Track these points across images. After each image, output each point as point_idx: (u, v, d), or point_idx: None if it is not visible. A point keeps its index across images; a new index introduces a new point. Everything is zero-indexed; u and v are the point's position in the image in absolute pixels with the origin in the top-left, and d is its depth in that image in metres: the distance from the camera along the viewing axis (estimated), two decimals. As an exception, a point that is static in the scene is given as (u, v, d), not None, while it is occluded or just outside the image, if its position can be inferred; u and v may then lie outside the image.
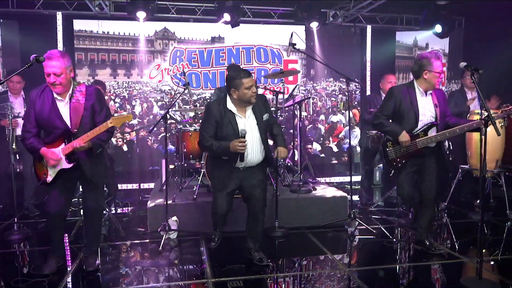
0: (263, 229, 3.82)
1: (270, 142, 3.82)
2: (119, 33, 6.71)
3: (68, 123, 3.29)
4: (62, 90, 3.27)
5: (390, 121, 3.85)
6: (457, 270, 3.64)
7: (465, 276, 3.47)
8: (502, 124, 4.91)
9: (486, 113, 3.20)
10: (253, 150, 3.51)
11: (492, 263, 3.78)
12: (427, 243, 3.92)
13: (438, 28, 6.82)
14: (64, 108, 3.31)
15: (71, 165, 3.33)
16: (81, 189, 4.27)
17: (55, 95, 3.29)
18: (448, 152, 6.07)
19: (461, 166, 5.36)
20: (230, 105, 3.48)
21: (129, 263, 3.81)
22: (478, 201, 5.28)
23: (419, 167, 3.84)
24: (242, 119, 3.49)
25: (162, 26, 6.83)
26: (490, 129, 3.22)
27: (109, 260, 3.89)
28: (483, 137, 3.17)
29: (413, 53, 7.56)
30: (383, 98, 5.47)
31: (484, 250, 3.93)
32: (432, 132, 3.73)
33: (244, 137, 3.36)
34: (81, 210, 4.71)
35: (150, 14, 6.17)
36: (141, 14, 6.08)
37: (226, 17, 6.31)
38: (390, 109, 3.81)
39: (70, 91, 3.32)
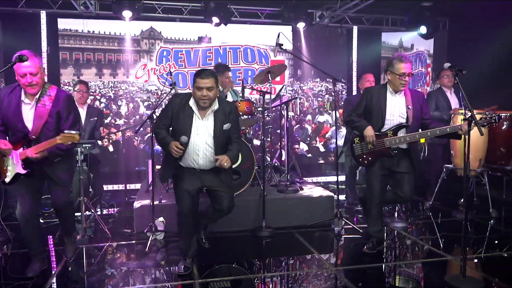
0: (213, 220, 3.95)
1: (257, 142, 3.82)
2: (104, 32, 6.65)
3: (30, 127, 3.22)
4: (36, 91, 3.20)
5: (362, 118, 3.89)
6: (441, 268, 3.68)
7: (449, 274, 3.52)
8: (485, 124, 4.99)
9: (469, 113, 3.25)
10: (205, 154, 3.45)
11: (475, 261, 3.84)
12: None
13: (423, 29, 6.90)
14: (29, 112, 3.23)
15: (25, 171, 3.25)
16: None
17: (22, 97, 3.22)
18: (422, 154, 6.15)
19: (446, 165, 5.44)
20: (191, 102, 3.43)
21: (115, 264, 3.78)
22: (462, 200, 5.37)
23: (391, 170, 3.84)
24: (199, 120, 3.43)
25: (149, 26, 6.78)
26: (474, 129, 3.27)
27: (94, 261, 3.84)
28: (466, 136, 3.22)
29: (399, 54, 7.63)
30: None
31: (468, 248, 4.00)
32: (402, 133, 3.75)
33: (182, 145, 3.31)
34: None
35: (136, 13, 6.12)
36: (127, 14, 6.03)
37: (215, 20, 6.29)
38: (361, 108, 3.87)
39: (38, 95, 3.24)
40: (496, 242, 4.39)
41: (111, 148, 6.73)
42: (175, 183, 3.60)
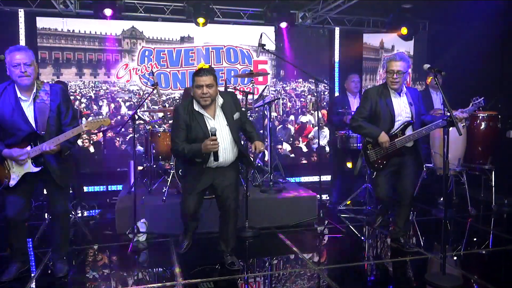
0: (235, 231, 3.76)
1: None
2: (85, 31, 6.55)
3: (34, 125, 3.15)
4: (29, 82, 3.12)
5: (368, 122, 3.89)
6: (422, 266, 3.74)
7: (429, 272, 3.58)
8: (464, 124, 5.11)
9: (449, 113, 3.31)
10: (225, 150, 3.46)
11: (455, 258, 3.91)
12: (402, 241, 4.01)
13: (404, 30, 7.01)
14: (28, 109, 3.16)
15: (38, 169, 3.20)
16: (45, 192, 4.11)
17: (18, 95, 3.14)
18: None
19: (426, 165, 5.53)
20: (197, 106, 3.43)
21: (97, 267, 3.73)
22: (441, 199, 5.47)
23: (397, 167, 3.89)
24: (211, 120, 3.45)
25: (130, 25, 6.71)
26: (452, 129, 3.34)
27: (75, 264, 3.78)
28: (445, 136, 3.28)
29: (380, 55, 7.75)
30: (349, 98, 5.61)
31: (447, 246, 4.07)
32: (409, 131, 3.78)
33: (215, 135, 3.29)
34: (46, 214, 4.58)
35: (117, 12, 6.05)
36: (107, 11, 5.94)
37: (201, 20, 6.27)
38: (366, 111, 3.85)
39: (35, 90, 3.18)
40: (475, 239, 4.49)
41: (92, 149, 6.63)
42: (188, 182, 3.64)
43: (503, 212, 5.34)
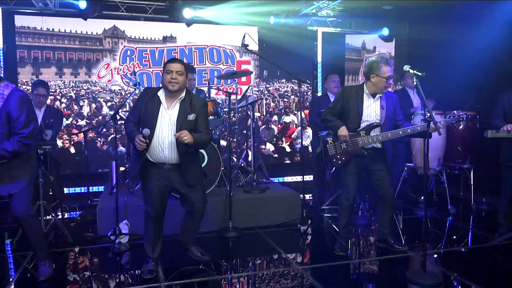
0: (198, 227, 3.73)
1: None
2: (65, 30, 6.44)
3: None
4: None
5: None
6: (403, 264, 3.80)
7: (410, 269, 3.63)
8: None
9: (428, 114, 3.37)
10: (170, 145, 3.36)
11: (435, 256, 3.98)
12: (391, 241, 4.04)
13: (385, 31, 7.10)
14: None
15: None
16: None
17: None
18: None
19: (407, 164, 5.61)
20: (160, 93, 3.41)
21: (77, 270, 3.67)
22: (422, 198, 5.56)
23: (365, 170, 3.90)
24: (165, 110, 3.38)
25: (111, 24, 6.63)
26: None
27: (55, 267, 3.71)
28: (426, 136, 3.34)
29: (362, 56, 7.83)
30: (330, 99, 5.65)
31: (428, 244, 4.14)
32: (375, 133, 3.81)
33: (146, 138, 3.23)
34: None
35: (98, 11, 5.97)
36: (82, 4, 5.90)
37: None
38: (337, 108, 3.89)
39: None
40: (454, 237, 4.57)
41: (72, 150, 6.53)
42: (142, 181, 3.53)
43: (482, 210, 5.46)
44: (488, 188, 5.66)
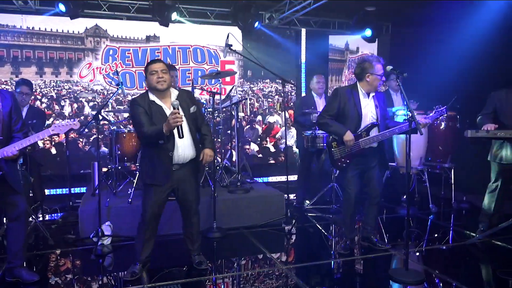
0: (199, 229, 3.73)
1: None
2: (45, 29, 6.33)
3: None
4: None
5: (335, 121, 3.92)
6: (386, 262, 3.84)
7: (393, 268, 3.68)
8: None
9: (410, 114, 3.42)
10: (184, 143, 3.36)
11: (417, 254, 4.04)
12: (375, 240, 4.09)
13: (368, 32, 7.17)
14: None
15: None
16: None
17: None
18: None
19: (389, 163, 5.67)
20: (152, 97, 3.37)
21: (59, 272, 3.61)
22: (404, 197, 5.63)
23: (363, 168, 3.94)
24: (168, 110, 3.35)
25: (93, 23, 6.54)
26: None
27: (36, 270, 3.64)
28: (407, 136, 3.38)
29: (345, 56, 7.90)
30: (314, 99, 5.68)
31: (410, 242, 4.20)
32: (374, 132, 3.85)
33: (176, 109, 3.14)
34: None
35: (79, 9, 5.88)
36: (61, 7, 5.80)
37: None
38: (334, 110, 3.87)
39: None
40: (436, 235, 4.64)
41: (53, 151, 6.42)
42: (147, 184, 3.44)
43: (462, 209, 5.57)
44: (468, 186, 5.77)
